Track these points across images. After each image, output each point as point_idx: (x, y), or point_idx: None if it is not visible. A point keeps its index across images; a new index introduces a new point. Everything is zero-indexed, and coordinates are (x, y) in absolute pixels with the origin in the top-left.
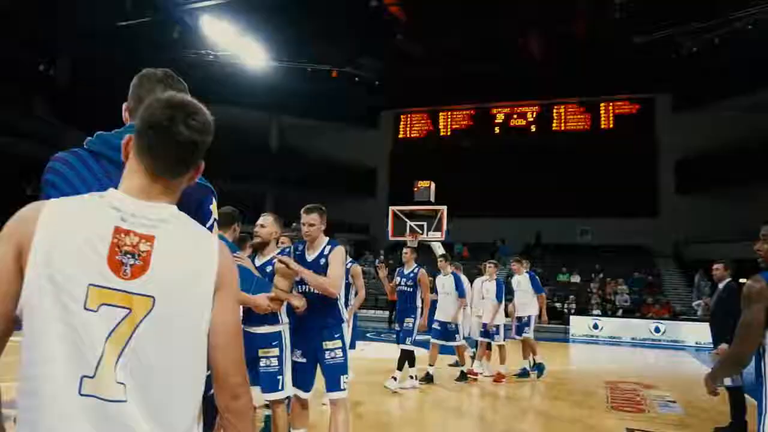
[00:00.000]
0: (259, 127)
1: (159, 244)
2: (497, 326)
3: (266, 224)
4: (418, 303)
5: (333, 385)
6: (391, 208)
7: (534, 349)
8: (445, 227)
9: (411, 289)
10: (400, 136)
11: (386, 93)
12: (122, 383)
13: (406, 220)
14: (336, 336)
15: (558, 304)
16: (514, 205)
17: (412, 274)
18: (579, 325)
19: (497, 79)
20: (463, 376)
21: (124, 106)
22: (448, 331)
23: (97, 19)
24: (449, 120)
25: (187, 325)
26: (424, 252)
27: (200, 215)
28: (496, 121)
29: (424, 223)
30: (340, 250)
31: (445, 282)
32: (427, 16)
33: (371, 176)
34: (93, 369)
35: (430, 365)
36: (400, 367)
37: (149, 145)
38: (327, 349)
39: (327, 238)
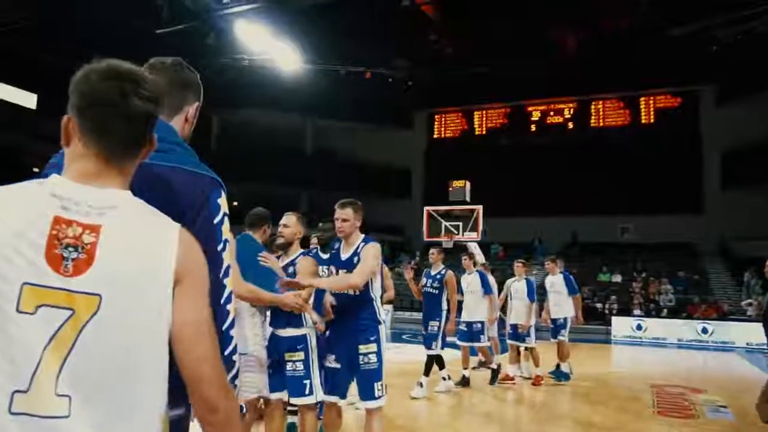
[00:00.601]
0: (293, 130)
1: (106, 235)
2: (530, 327)
3: (290, 224)
4: (444, 306)
5: (367, 393)
6: (426, 208)
7: (564, 353)
8: (480, 227)
9: (437, 291)
10: (435, 135)
11: (420, 93)
12: (65, 395)
13: (442, 220)
14: (371, 339)
15: (599, 305)
16: (551, 203)
17: (438, 276)
18: (621, 326)
19: (532, 76)
20: (494, 376)
21: None
22: (473, 332)
23: (134, 28)
24: (484, 119)
25: (142, 326)
26: (461, 252)
27: (208, 209)
28: (532, 118)
29: (460, 224)
30: (373, 245)
31: (470, 281)
32: (460, 15)
33: (406, 177)
34: (27, 382)
35: (464, 368)
36: (426, 373)
37: (96, 125)
38: (361, 354)
39: (362, 236)
